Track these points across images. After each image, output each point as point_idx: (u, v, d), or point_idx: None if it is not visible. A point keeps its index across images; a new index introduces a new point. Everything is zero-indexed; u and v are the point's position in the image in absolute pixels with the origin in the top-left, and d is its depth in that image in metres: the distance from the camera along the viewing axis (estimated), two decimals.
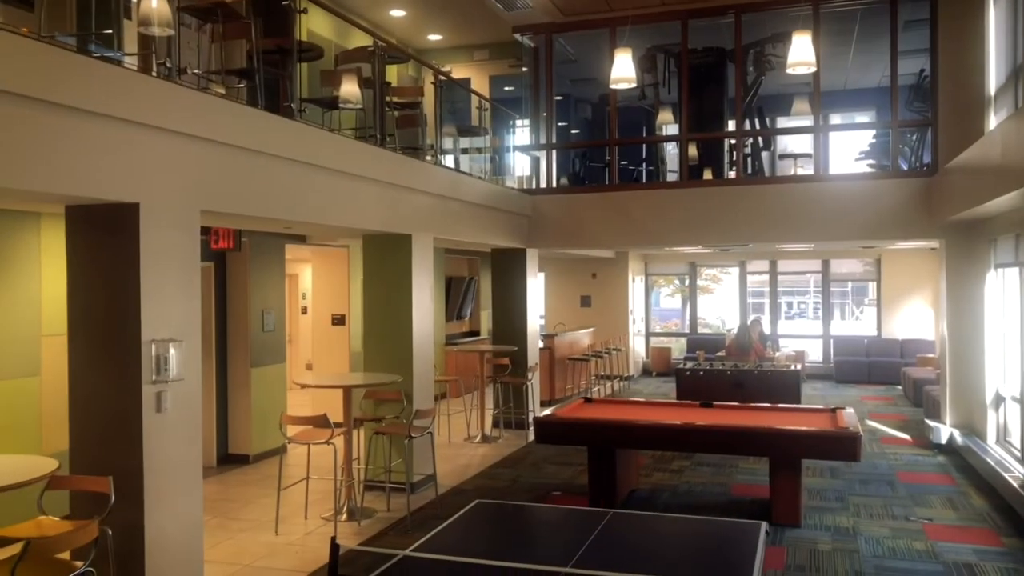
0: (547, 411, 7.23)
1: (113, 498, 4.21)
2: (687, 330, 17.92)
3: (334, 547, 3.41)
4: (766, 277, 17.37)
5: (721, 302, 21.55)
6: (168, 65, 5.01)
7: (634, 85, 8.82)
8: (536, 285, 11.42)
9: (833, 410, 7.22)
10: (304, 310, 14.77)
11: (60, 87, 3.93)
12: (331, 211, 6.42)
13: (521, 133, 11.83)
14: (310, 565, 5.68)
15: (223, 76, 6.00)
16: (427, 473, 7.52)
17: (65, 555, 4.03)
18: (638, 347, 17.22)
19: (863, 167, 12.40)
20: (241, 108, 5.38)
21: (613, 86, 8.87)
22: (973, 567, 5.56)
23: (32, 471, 3.84)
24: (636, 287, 17.01)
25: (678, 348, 17.68)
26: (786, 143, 13.11)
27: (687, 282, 18.12)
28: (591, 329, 15.34)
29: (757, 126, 12.23)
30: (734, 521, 4.13)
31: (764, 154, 11.88)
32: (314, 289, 11.40)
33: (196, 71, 5.67)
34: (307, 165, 6.05)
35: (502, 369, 10.51)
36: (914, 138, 12.44)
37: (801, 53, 7.07)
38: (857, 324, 21.98)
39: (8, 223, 6.20)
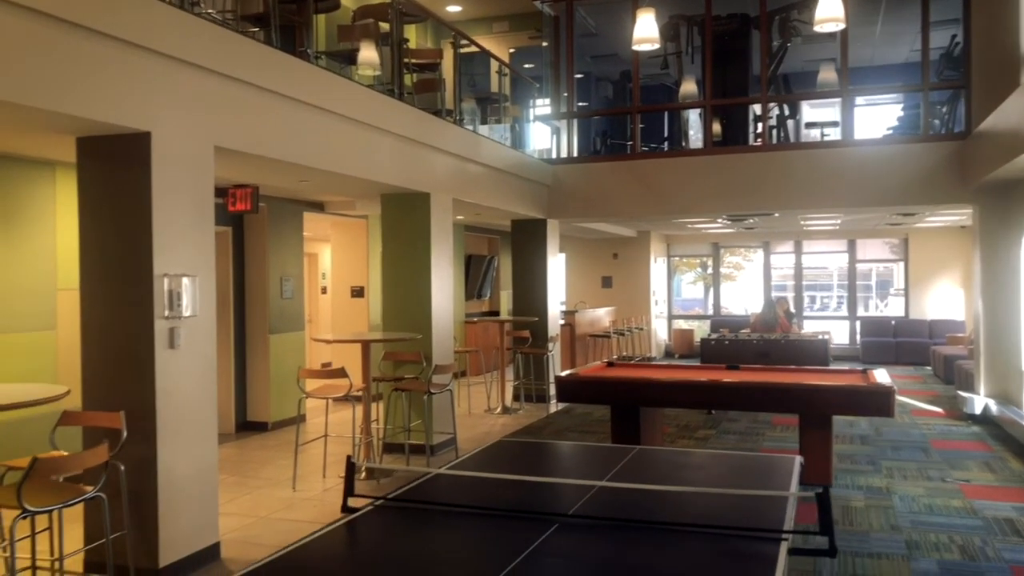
0: (569, 371, 7.06)
1: (125, 433, 4.10)
2: (710, 313, 17.69)
3: (349, 465, 3.27)
4: (791, 271, 17.08)
5: (744, 290, 21.29)
6: None
7: (657, 46, 8.64)
8: (556, 262, 11.23)
9: (864, 370, 7.01)
10: (324, 290, 14.69)
11: (75, 6, 3.81)
12: (347, 161, 6.29)
13: (541, 111, 11.67)
14: (328, 517, 5.56)
15: (238, 21, 5.88)
16: (447, 433, 7.38)
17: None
18: (660, 330, 17.00)
19: (889, 118, 12.14)
20: (258, 46, 5.25)
21: (635, 47, 8.69)
22: (1014, 522, 5.34)
23: (43, 395, 3.73)
24: (658, 268, 16.78)
25: (701, 332, 17.43)
26: (810, 115, 12.87)
27: (709, 269, 17.86)
28: (612, 308, 15.15)
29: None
30: (768, 455, 3.95)
31: (789, 123, 11.63)
32: (333, 261, 11.31)
33: (211, 11, 5.55)
34: (324, 112, 5.93)
35: (522, 342, 10.36)
36: (944, 109, 12.16)
37: (829, 9, 6.84)
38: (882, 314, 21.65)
39: (23, 176, 6.13)
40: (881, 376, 6.51)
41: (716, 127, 11.31)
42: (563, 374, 6.87)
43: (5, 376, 5.87)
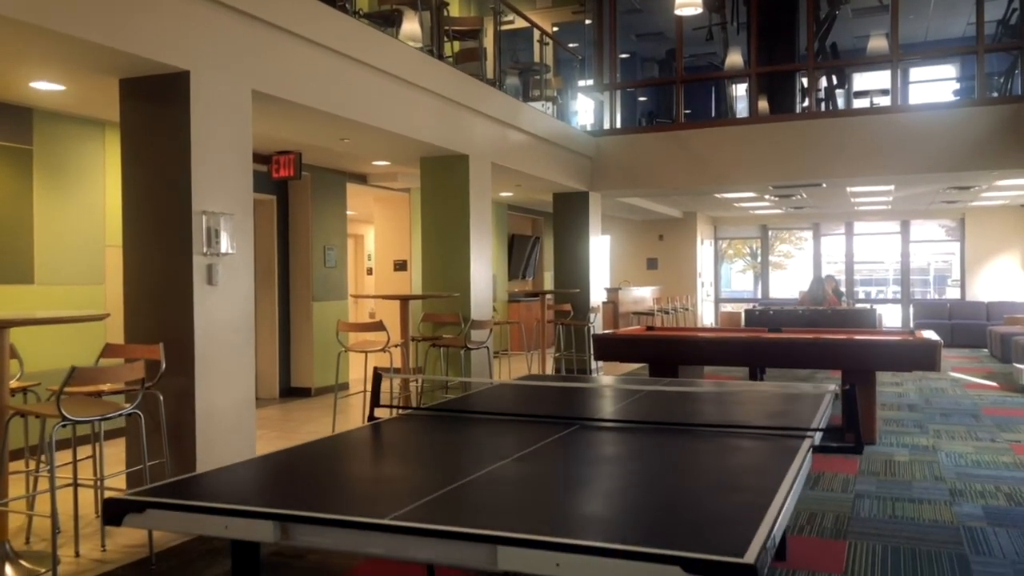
0: (608, 330, 7.02)
1: (164, 364, 4.20)
2: (759, 297, 17.45)
3: (376, 376, 3.31)
4: (843, 264, 16.74)
5: (794, 278, 20.92)
6: None
7: (700, 10, 8.56)
8: (598, 235, 11.17)
9: (911, 331, 6.83)
10: (369, 271, 14.87)
11: None
12: (386, 116, 6.34)
13: (585, 101, 11.65)
14: None
15: None
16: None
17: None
18: (707, 314, 16.80)
19: (943, 96, 11.84)
20: None
21: (678, 11, 8.64)
22: None
23: (84, 313, 3.84)
24: (705, 250, 16.60)
25: None
26: (860, 84, 12.60)
27: (758, 257, 17.60)
28: (657, 287, 15.03)
29: (831, 69, 11.75)
30: (804, 383, 3.89)
31: (838, 94, 11.40)
32: (377, 236, 11.44)
33: None
34: (364, 66, 5.99)
35: (564, 315, 10.33)
36: (1001, 80, 11.82)
37: None
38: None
39: (74, 134, 6.32)
40: (928, 334, 6.35)
41: (763, 104, 11.13)
42: (601, 332, 6.85)
43: (56, 328, 6.05)
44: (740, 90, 12.93)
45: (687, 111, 11.69)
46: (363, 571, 3.59)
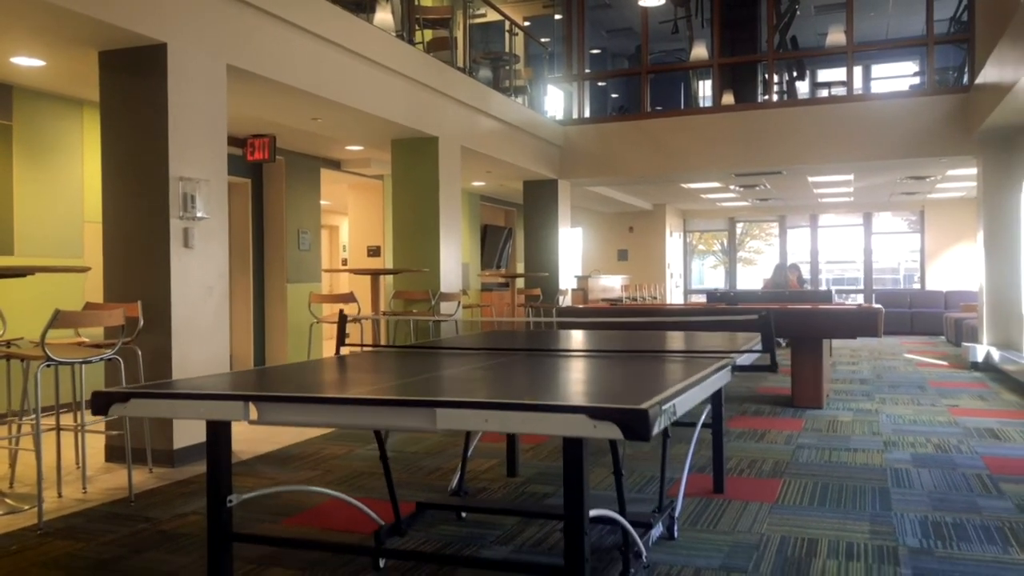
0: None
1: (142, 322, 4.43)
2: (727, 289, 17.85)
3: (342, 317, 3.57)
4: (807, 267, 17.19)
5: (762, 271, 21.44)
6: None
7: (664, 0, 8.89)
8: (567, 222, 11.47)
9: (859, 305, 7.18)
10: (344, 262, 15.07)
11: None
12: (357, 95, 6.59)
13: (555, 95, 11.95)
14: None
15: None
16: None
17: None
18: (676, 301, 17.17)
19: (897, 87, 12.26)
20: None
21: (642, 2, 8.96)
22: (995, 431, 5.50)
23: (65, 264, 4.05)
24: (674, 242, 16.97)
25: None
26: (822, 77, 13.02)
27: (727, 251, 18.01)
28: (626, 276, 15.36)
29: (791, 63, 12.14)
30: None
31: (800, 86, 11.80)
32: (351, 223, 11.66)
33: None
34: (336, 46, 6.24)
35: (535, 299, 10.62)
36: (955, 75, 12.28)
37: None
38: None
39: (54, 112, 6.51)
40: (873, 305, 6.70)
41: (728, 98, 11.50)
42: (565, 306, 7.13)
43: (35, 299, 6.24)
44: (707, 89, 13.32)
45: (658, 108, 12.02)
46: (328, 507, 3.84)
